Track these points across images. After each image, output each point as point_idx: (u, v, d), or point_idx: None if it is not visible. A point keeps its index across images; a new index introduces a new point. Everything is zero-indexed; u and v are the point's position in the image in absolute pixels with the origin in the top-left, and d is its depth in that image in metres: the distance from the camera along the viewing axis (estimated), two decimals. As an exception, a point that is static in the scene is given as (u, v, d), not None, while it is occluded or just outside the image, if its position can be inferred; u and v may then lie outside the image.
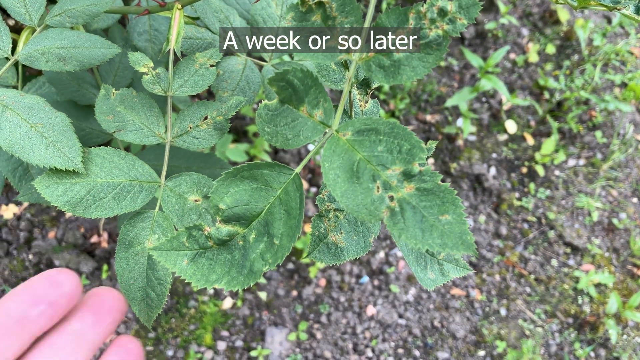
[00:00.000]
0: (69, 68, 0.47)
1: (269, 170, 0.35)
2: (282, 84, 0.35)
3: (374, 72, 0.35)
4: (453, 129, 1.85)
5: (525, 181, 1.81)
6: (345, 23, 0.36)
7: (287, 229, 0.34)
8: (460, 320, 1.58)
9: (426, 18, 0.34)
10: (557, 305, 1.62)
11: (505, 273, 1.66)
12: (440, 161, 1.82)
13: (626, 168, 1.84)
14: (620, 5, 0.41)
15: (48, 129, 0.45)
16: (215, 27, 0.56)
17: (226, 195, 0.34)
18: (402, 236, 0.30)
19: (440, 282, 0.46)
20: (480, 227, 1.72)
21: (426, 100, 1.93)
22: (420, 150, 0.32)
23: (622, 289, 1.64)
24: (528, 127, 1.91)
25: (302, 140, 0.35)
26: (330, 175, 0.33)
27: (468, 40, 2.04)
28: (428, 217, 0.30)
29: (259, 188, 0.35)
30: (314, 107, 0.36)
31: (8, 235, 1.53)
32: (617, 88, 1.98)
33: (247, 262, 0.34)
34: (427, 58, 0.34)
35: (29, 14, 0.49)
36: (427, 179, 0.31)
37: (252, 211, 0.35)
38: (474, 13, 0.33)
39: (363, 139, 0.33)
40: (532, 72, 2.00)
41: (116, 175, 0.45)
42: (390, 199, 0.31)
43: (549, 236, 1.72)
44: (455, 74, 1.99)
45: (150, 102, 0.48)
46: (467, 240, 0.30)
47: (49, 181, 0.44)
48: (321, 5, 0.35)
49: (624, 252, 1.70)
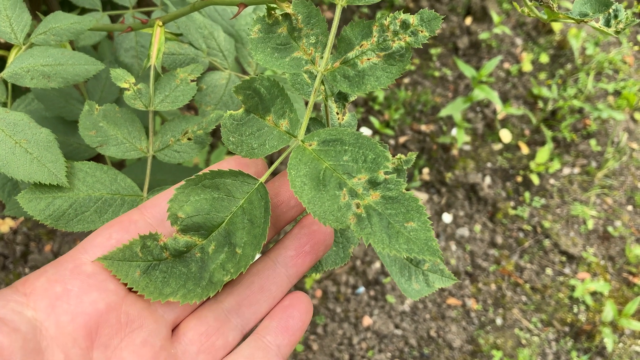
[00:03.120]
0: (53, 85, 0.48)
1: (232, 180, 0.35)
2: (249, 93, 0.35)
3: (339, 82, 0.36)
4: (448, 138, 1.86)
5: (520, 190, 1.81)
6: (311, 35, 0.37)
7: (251, 238, 0.33)
8: (456, 330, 1.57)
9: (389, 30, 0.35)
10: (553, 314, 1.61)
11: (501, 282, 1.66)
12: (436, 171, 1.83)
13: (621, 176, 1.85)
14: (588, 18, 0.42)
15: (32, 145, 0.46)
16: (199, 42, 0.57)
17: (186, 203, 0.34)
18: (369, 240, 0.31)
19: (426, 292, 0.46)
20: (475, 237, 1.73)
21: (421, 110, 1.94)
22: (384, 159, 0.33)
23: (618, 296, 1.64)
24: (522, 136, 1.92)
25: (267, 149, 0.36)
26: (297, 182, 0.33)
27: (462, 50, 2.06)
28: (394, 224, 0.31)
29: (221, 198, 0.34)
30: (280, 117, 0.36)
31: (4, 249, 1.54)
32: (610, 96, 1.99)
33: (205, 274, 0.33)
34: (390, 69, 0.35)
35: (14, 33, 0.51)
36: (392, 187, 0.32)
37: (213, 221, 0.34)
38: (435, 26, 0.34)
39: (329, 149, 0.34)
40: (526, 81, 2.02)
41: (98, 189, 0.46)
42: (357, 206, 0.32)
43: (545, 245, 1.72)
44: (449, 84, 2.00)
45: (132, 117, 0.49)
46: (432, 246, 0.30)
47: (31, 195, 0.45)
48: (287, 17, 0.36)
49: (620, 260, 1.70)
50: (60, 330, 0.31)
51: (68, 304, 0.31)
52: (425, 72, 2.02)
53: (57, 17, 0.51)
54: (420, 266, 0.44)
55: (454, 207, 1.77)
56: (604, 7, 0.42)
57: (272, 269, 0.38)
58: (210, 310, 0.37)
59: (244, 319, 0.37)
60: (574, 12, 0.43)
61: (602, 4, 0.42)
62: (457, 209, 1.77)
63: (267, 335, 0.37)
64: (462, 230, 1.74)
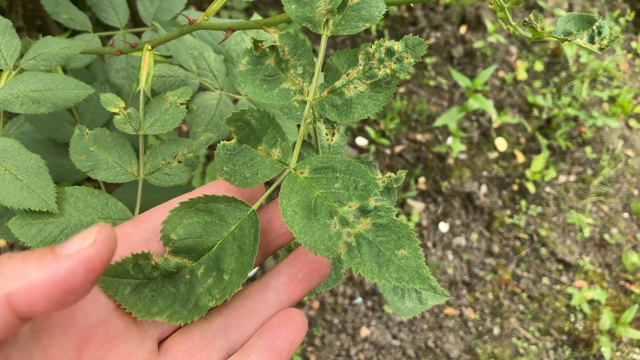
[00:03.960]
0: (43, 110, 0.49)
1: (225, 205, 0.35)
2: (240, 124, 0.36)
3: (327, 111, 0.36)
4: (443, 147, 1.86)
5: (517, 198, 1.82)
6: (298, 65, 0.37)
7: (239, 265, 0.33)
8: (454, 339, 1.57)
9: (374, 58, 0.36)
10: (551, 323, 1.61)
11: (498, 291, 1.66)
12: (432, 180, 1.83)
13: (616, 183, 1.85)
14: (572, 37, 0.42)
15: (22, 171, 0.46)
16: (189, 64, 0.57)
17: (179, 225, 0.34)
18: (359, 270, 0.31)
19: (419, 310, 0.46)
20: (472, 246, 1.73)
21: (416, 120, 1.94)
22: (375, 187, 0.33)
23: (615, 304, 1.63)
24: (518, 144, 1.92)
25: (260, 178, 0.36)
26: (288, 212, 0.33)
27: (457, 59, 2.07)
28: (385, 252, 0.31)
29: (214, 222, 0.34)
30: (272, 146, 0.36)
31: None
32: (605, 104, 2.00)
33: (192, 297, 0.33)
34: (377, 96, 0.35)
35: (4, 58, 0.51)
36: (383, 214, 0.32)
37: (204, 244, 0.34)
38: (420, 52, 0.35)
39: (320, 177, 0.34)
40: (520, 89, 2.02)
41: (89, 214, 0.46)
42: (347, 235, 0.32)
43: (541, 253, 1.72)
44: (444, 93, 2.01)
45: (123, 141, 0.49)
46: (422, 274, 0.30)
47: (23, 222, 0.45)
48: (274, 49, 0.37)
49: (616, 268, 1.70)
50: (53, 341, 0.31)
51: (61, 316, 0.32)
52: (420, 82, 2.02)
53: (47, 42, 0.52)
54: (413, 283, 0.44)
55: (450, 216, 1.77)
56: (587, 24, 0.42)
57: (264, 293, 0.39)
58: (197, 328, 0.37)
59: (231, 341, 0.37)
60: (557, 31, 0.43)
61: (586, 21, 0.42)
62: (453, 218, 1.77)
63: (252, 354, 0.37)
64: (458, 239, 1.74)
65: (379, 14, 0.36)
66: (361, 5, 0.36)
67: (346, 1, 0.37)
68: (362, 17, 0.36)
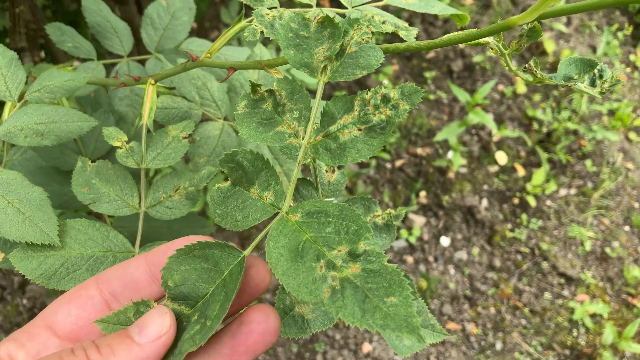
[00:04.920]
0: (46, 143, 0.49)
1: (219, 251, 0.35)
2: (232, 166, 0.36)
3: (321, 155, 0.36)
4: (444, 161, 1.87)
5: (517, 212, 1.82)
6: (295, 110, 0.37)
7: (221, 312, 0.33)
8: (456, 354, 1.57)
9: (370, 104, 0.36)
10: (553, 337, 1.61)
11: (500, 305, 1.65)
12: (433, 194, 1.83)
13: (617, 196, 1.86)
14: (572, 82, 0.42)
15: (25, 205, 0.46)
16: (192, 94, 0.58)
17: (176, 272, 0.34)
18: (339, 314, 0.30)
19: (417, 349, 0.45)
20: (474, 260, 1.73)
21: (416, 134, 1.95)
22: (366, 231, 0.32)
23: (617, 318, 1.63)
24: (518, 157, 1.92)
25: (250, 221, 0.36)
26: (273, 254, 0.33)
27: (456, 73, 2.08)
28: (372, 299, 0.30)
29: (209, 269, 0.34)
30: (265, 189, 0.36)
31: (2, 280, 1.54)
32: (605, 117, 2.01)
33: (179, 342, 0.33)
34: (372, 141, 0.36)
35: (9, 90, 0.51)
36: (374, 259, 0.31)
37: (199, 291, 0.34)
38: (415, 99, 0.35)
39: (312, 221, 0.34)
40: (520, 103, 2.03)
41: (90, 247, 0.47)
42: (333, 279, 0.31)
43: (543, 267, 1.72)
44: (444, 107, 2.02)
45: (125, 174, 0.50)
46: (412, 323, 0.29)
47: (23, 254, 0.46)
48: (272, 93, 0.37)
49: (618, 281, 1.70)
50: None
51: None
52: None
53: (51, 74, 0.52)
54: (411, 321, 0.44)
55: (451, 230, 1.77)
56: (589, 68, 0.42)
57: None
58: None
59: None
60: (558, 76, 0.43)
61: (587, 64, 0.42)
62: (454, 232, 1.77)
63: None
64: (460, 254, 1.74)
65: (376, 63, 0.37)
66: (359, 53, 0.37)
67: (344, 49, 0.37)
68: (360, 65, 0.37)
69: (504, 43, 0.43)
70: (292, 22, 0.38)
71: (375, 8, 0.50)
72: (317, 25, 0.39)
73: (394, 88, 0.35)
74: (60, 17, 1.27)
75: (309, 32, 0.39)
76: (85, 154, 0.64)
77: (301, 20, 0.39)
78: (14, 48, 0.92)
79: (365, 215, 0.46)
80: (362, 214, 0.33)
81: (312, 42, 0.38)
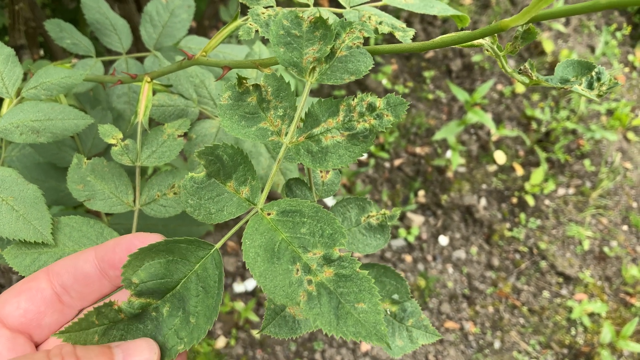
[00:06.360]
0: (42, 140, 0.49)
1: (186, 245, 0.34)
2: (211, 158, 0.35)
3: (302, 157, 0.36)
4: (443, 161, 1.87)
5: (516, 211, 1.82)
6: (279, 107, 0.37)
7: (204, 309, 0.33)
8: (455, 353, 1.57)
9: (355, 111, 0.36)
10: (552, 336, 1.61)
11: (499, 304, 1.66)
12: (431, 193, 1.83)
13: (615, 196, 1.86)
14: (568, 85, 0.42)
15: (19, 202, 0.46)
16: (189, 92, 0.58)
17: (140, 268, 0.33)
18: (317, 322, 0.30)
19: (409, 349, 0.45)
20: (472, 259, 1.73)
21: (415, 133, 1.95)
22: (341, 236, 0.32)
23: (615, 317, 1.63)
24: (517, 157, 1.93)
25: (225, 215, 0.35)
26: (250, 253, 0.33)
27: (455, 72, 2.08)
28: (344, 304, 0.30)
29: (175, 260, 0.34)
30: (241, 184, 0.36)
31: (1, 278, 1.54)
32: (603, 116, 2.01)
33: (160, 337, 0.33)
34: (353, 148, 0.35)
35: (6, 87, 0.51)
36: (346, 265, 0.31)
37: (167, 285, 0.33)
38: (400, 111, 0.35)
39: (287, 220, 0.34)
40: (519, 102, 2.03)
41: (84, 244, 0.47)
42: (309, 283, 0.31)
43: (541, 266, 1.72)
44: (443, 106, 2.02)
45: (120, 172, 0.50)
46: (380, 331, 0.29)
47: (17, 251, 0.46)
48: (258, 88, 0.37)
49: (616, 281, 1.70)
50: None
51: None
52: (419, 95, 2.03)
53: (49, 71, 0.52)
54: (404, 322, 0.44)
55: (450, 229, 1.77)
56: (586, 70, 0.42)
57: None
58: None
59: None
60: (555, 78, 0.43)
61: (585, 67, 0.42)
62: (453, 231, 1.77)
63: None
64: (458, 253, 1.74)
65: (365, 69, 0.37)
66: (349, 58, 0.37)
67: (334, 52, 0.37)
68: (349, 69, 0.37)
69: (499, 45, 0.43)
70: (285, 20, 0.38)
71: (374, 8, 0.50)
72: (310, 25, 0.39)
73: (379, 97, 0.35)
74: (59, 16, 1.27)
75: (301, 31, 0.38)
76: (82, 151, 0.64)
77: (294, 18, 0.39)
78: (13, 45, 0.92)
79: (359, 216, 0.46)
80: (337, 218, 0.33)
81: (303, 42, 0.38)
